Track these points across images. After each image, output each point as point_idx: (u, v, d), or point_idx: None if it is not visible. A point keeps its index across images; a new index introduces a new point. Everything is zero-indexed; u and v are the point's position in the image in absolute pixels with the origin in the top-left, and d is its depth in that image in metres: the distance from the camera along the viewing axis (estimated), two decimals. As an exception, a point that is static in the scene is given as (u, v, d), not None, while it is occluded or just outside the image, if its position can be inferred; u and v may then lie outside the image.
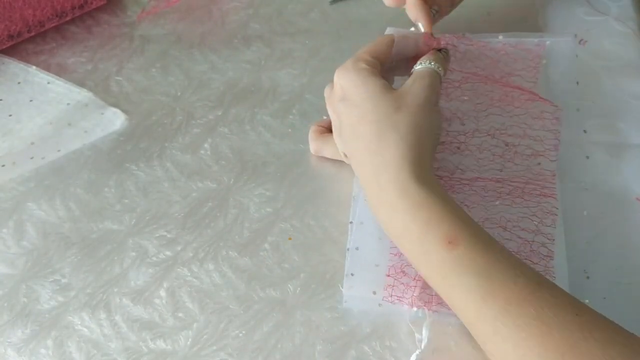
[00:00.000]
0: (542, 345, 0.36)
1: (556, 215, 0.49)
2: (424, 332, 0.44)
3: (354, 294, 0.46)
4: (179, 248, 0.50)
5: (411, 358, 0.43)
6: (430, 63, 0.49)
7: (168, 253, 0.49)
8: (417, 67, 0.49)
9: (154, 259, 0.49)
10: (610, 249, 0.48)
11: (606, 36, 0.62)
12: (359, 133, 0.46)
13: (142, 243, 0.50)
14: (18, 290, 0.48)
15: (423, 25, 0.54)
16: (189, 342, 0.45)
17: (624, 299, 0.46)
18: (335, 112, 0.49)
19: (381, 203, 0.44)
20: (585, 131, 0.55)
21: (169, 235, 0.50)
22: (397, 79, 0.53)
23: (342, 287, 0.47)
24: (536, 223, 0.48)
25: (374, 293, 0.46)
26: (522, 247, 0.47)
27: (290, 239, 0.50)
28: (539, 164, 0.52)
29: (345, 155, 0.51)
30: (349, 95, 0.47)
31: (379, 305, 0.45)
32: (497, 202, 0.50)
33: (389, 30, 0.60)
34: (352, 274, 0.46)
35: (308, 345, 0.44)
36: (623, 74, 0.59)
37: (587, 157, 0.53)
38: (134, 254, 0.49)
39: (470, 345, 0.44)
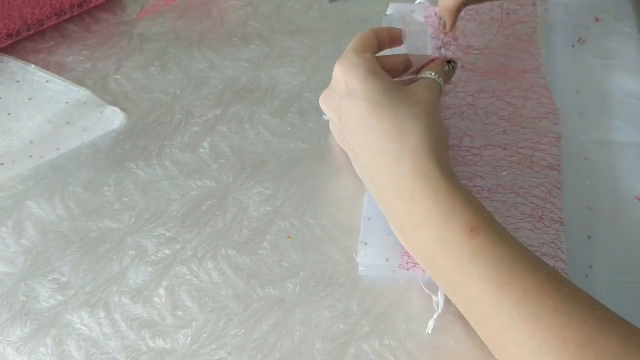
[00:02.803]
0: (560, 337, 0.36)
1: (560, 189, 0.50)
2: (440, 295, 0.45)
3: (368, 262, 0.47)
4: (178, 247, 0.50)
5: (430, 322, 0.44)
6: (432, 74, 0.50)
7: (167, 252, 0.49)
8: (423, 75, 0.50)
9: (154, 257, 0.49)
10: (610, 247, 0.48)
11: (605, 35, 0.63)
12: (372, 124, 0.45)
13: (142, 242, 0.50)
14: (17, 289, 0.48)
15: (447, 25, 0.57)
16: (188, 341, 0.45)
17: (624, 297, 0.46)
18: (338, 109, 0.49)
19: (400, 191, 0.43)
20: (581, 113, 0.56)
21: (168, 234, 0.50)
22: None
23: (357, 256, 0.48)
24: (545, 192, 0.50)
25: (387, 260, 0.47)
26: (534, 212, 0.49)
27: (289, 237, 0.50)
28: (543, 127, 0.54)
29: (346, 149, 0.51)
30: (357, 90, 0.47)
31: (393, 272, 0.47)
32: (506, 172, 0.51)
33: (391, 7, 0.61)
34: (365, 243, 0.48)
35: (307, 344, 0.44)
36: (622, 73, 0.59)
37: (586, 158, 0.53)
38: (133, 252, 0.49)
39: (470, 344, 0.44)
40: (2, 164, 0.55)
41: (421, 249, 0.43)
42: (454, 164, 0.52)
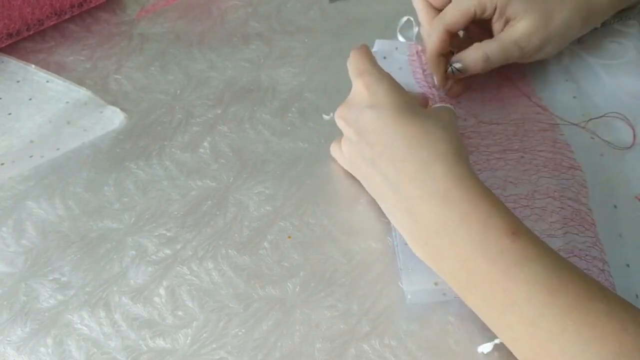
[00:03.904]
0: (618, 343, 0.34)
1: (587, 188, 0.50)
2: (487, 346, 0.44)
3: (415, 288, 0.46)
4: (178, 246, 0.50)
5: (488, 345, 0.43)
6: (445, 104, 0.49)
7: (167, 251, 0.49)
8: (436, 105, 0.49)
9: (154, 257, 0.49)
10: (610, 247, 0.48)
11: (605, 35, 0.62)
12: (396, 132, 0.44)
13: (142, 241, 0.50)
14: (17, 289, 0.48)
15: (436, 80, 0.56)
16: (188, 341, 0.45)
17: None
18: (356, 121, 0.47)
19: (430, 195, 0.42)
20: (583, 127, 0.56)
21: (168, 234, 0.50)
22: None
23: (402, 284, 0.46)
24: (575, 193, 0.49)
25: (436, 284, 0.45)
26: (574, 215, 0.48)
27: (289, 237, 0.50)
28: (549, 136, 0.54)
29: (357, 168, 0.50)
30: (381, 101, 0.46)
31: (444, 294, 0.45)
32: (536, 176, 0.51)
33: (377, 44, 0.60)
34: (409, 269, 0.46)
35: (307, 343, 0.44)
36: (623, 73, 0.59)
37: (586, 157, 0.53)
38: (133, 252, 0.49)
39: (470, 344, 0.44)
40: (2, 164, 0.55)
41: (451, 257, 0.41)
42: (478, 169, 0.52)
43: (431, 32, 0.55)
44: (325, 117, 0.58)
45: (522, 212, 0.49)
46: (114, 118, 0.59)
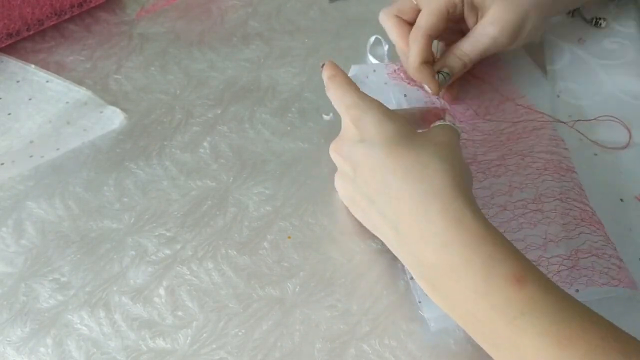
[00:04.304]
0: None
1: (584, 190, 0.50)
2: None
3: (437, 314, 0.44)
4: (178, 247, 0.50)
5: None
6: (446, 122, 0.47)
7: (167, 252, 0.49)
8: (437, 124, 0.47)
9: (153, 257, 0.49)
10: (621, 242, 0.48)
11: (605, 35, 0.63)
12: (389, 166, 0.41)
13: (142, 242, 0.50)
14: (17, 289, 0.48)
15: (429, 88, 0.53)
16: (188, 341, 0.45)
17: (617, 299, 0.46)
18: (350, 157, 0.45)
19: (429, 237, 0.39)
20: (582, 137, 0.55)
21: (168, 234, 0.50)
22: None
23: (423, 313, 0.45)
24: (578, 194, 0.49)
25: None
26: (583, 215, 0.47)
27: (289, 237, 0.50)
28: (546, 133, 0.53)
29: (356, 205, 0.47)
30: (371, 134, 0.43)
31: None
32: (540, 179, 0.50)
33: (353, 69, 0.57)
34: (427, 297, 0.43)
35: (307, 343, 0.44)
36: (622, 73, 0.59)
37: (579, 156, 0.53)
38: (133, 252, 0.49)
39: (470, 344, 0.44)
40: (2, 164, 0.55)
41: (457, 301, 0.39)
42: (481, 177, 0.51)
43: (411, 43, 0.53)
44: (325, 117, 0.58)
45: (534, 216, 0.48)
46: (114, 118, 0.59)
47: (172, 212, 0.52)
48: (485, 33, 0.53)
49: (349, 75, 0.56)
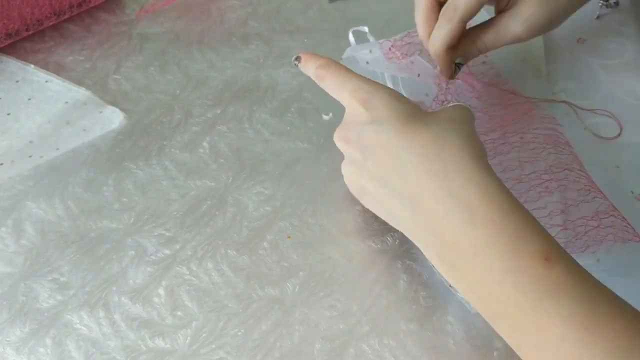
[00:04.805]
0: None
1: (581, 161, 0.50)
2: None
3: None
4: (177, 246, 0.50)
5: None
6: (458, 101, 0.46)
7: (167, 252, 0.49)
8: (449, 104, 0.45)
9: (153, 257, 0.49)
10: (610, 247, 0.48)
11: (605, 35, 0.63)
12: (403, 145, 0.40)
13: (141, 242, 0.50)
14: (17, 289, 0.48)
15: (443, 74, 0.51)
16: (187, 341, 0.45)
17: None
18: (358, 140, 0.43)
19: (451, 213, 0.37)
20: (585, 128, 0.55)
21: (167, 234, 0.50)
22: None
23: (462, 299, 0.45)
24: (579, 164, 0.50)
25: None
26: (590, 183, 0.48)
27: (289, 237, 0.50)
28: (537, 114, 0.53)
29: (363, 191, 0.46)
30: (381, 115, 0.41)
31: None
32: (545, 152, 0.50)
33: (349, 50, 0.56)
34: None
35: (307, 343, 0.44)
36: (622, 73, 0.59)
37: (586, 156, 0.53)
38: (132, 252, 0.49)
39: (470, 345, 0.44)
40: (1, 164, 0.55)
41: (478, 282, 0.37)
42: (490, 155, 0.49)
43: (442, 24, 0.49)
44: (325, 117, 0.58)
45: (550, 185, 0.48)
46: (114, 118, 0.59)
47: (171, 212, 0.52)
48: (511, 29, 0.50)
49: (344, 57, 0.57)
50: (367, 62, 0.56)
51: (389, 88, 0.44)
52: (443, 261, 0.39)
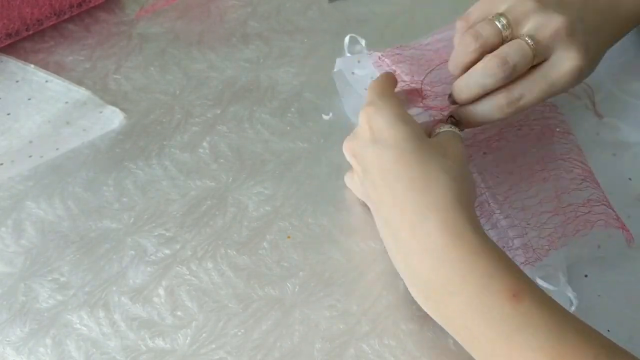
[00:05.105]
0: None
1: (582, 150, 0.52)
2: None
3: None
4: (177, 246, 0.50)
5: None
6: (451, 127, 0.46)
7: (167, 251, 0.49)
8: (441, 130, 0.45)
9: (153, 257, 0.49)
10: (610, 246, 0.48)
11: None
12: (397, 173, 0.41)
13: (141, 241, 0.50)
14: (17, 289, 0.48)
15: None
16: (187, 341, 0.45)
17: (619, 297, 0.46)
18: (361, 157, 0.44)
19: (426, 250, 0.39)
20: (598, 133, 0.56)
21: (167, 234, 0.50)
22: None
23: None
24: (577, 154, 0.51)
25: None
26: (585, 173, 0.49)
27: (289, 237, 0.50)
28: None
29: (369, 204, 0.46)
30: (383, 137, 0.42)
31: None
32: (541, 144, 0.51)
33: (338, 63, 0.57)
34: None
35: (307, 343, 0.44)
36: (622, 73, 0.59)
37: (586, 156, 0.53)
38: (132, 252, 0.49)
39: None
40: (1, 164, 0.55)
41: (453, 317, 0.38)
42: (483, 154, 0.51)
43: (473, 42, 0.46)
44: (325, 117, 0.58)
45: (542, 174, 0.49)
46: (114, 118, 0.58)
47: (171, 212, 0.52)
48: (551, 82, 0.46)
49: (334, 70, 0.58)
50: (353, 73, 0.57)
51: (398, 108, 0.44)
52: (419, 293, 0.41)
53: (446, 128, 0.46)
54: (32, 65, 0.63)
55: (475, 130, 0.53)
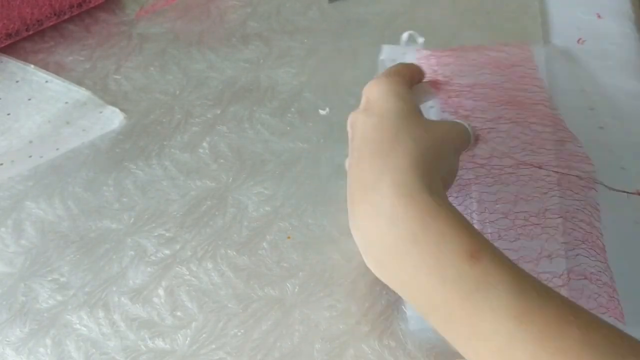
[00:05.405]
0: None
1: (598, 211, 0.48)
2: None
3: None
4: (177, 247, 0.50)
5: None
6: (466, 123, 0.46)
7: (167, 252, 0.49)
8: (454, 120, 0.46)
9: (153, 257, 0.49)
10: (610, 246, 0.48)
11: (604, 35, 0.63)
12: (369, 137, 0.40)
13: (141, 242, 0.50)
14: (16, 289, 0.48)
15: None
16: (187, 341, 0.45)
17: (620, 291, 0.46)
18: (354, 126, 0.43)
19: (377, 212, 0.37)
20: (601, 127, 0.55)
21: (167, 234, 0.50)
22: None
23: (406, 309, 0.45)
24: (589, 215, 0.48)
25: None
26: (586, 238, 0.46)
27: (289, 237, 0.50)
28: (568, 148, 0.51)
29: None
30: (374, 106, 0.42)
31: None
32: (549, 194, 0.48)
33: (384, 50, 0.58)
34: None
35: (307, 343, 0.44)
36: (622, 73, 0.59)
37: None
38: (132, 252, 0.49)
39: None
40: (1, 164, 0.55)
41: (408, 280, 0.37)
42: (489, 182, 0.49)
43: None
44: (322, 112, 0.58)
45: (533, 230, 0.47)
46: (113, 118, 0.59)
47: (171, 212, 0.52)
48: None
49: (380, 57, 0.59)
50: (395, 61, 0.56)
51: (399, 85, 0.43)
52: (373, 259, 0.39)
53: (460, 121, 0.45)
54: (32, 66, 0.63)
55: (490, 157, 0.51)
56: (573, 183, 0.49)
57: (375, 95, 0.43)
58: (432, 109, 0.54)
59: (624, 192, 0.50)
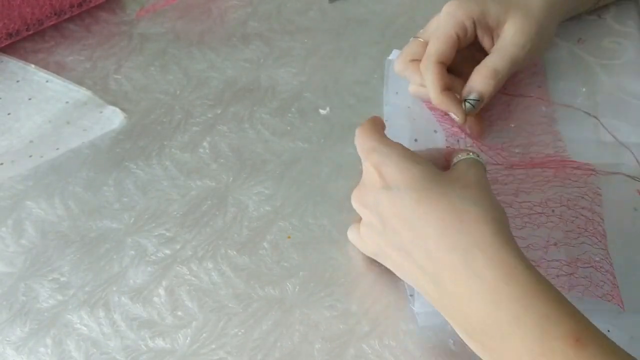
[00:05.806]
0: None
1: (600, 195, 0.49)
2: None
3: (426, 309, 0.44)
4: (177, 246, 0.50)
5: None
6: (469, 154, 0.44)
7: (167, 251, 0.49)
8: (459, 157, 0.44)
9: (153, 257, 0.49)
10: (611, 245, 0.48)
11: (605, 35, 0.62)
12: (421, 215, 0.39)
13: (141, 241, 0.50)
14: (17, 289, 0.48)
15: (456, 116, 0.51)
16: (187, 341, 0.45)
17: (622, 291, 0.45)
18: (375, 206, 0.42)
19: (475, 293, 0.36)
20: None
21: (167, 234, 0.50)
22: None
23: (413, 307, 0.45)
24: (589, 202, 0.48)
25: None
26: (588, 225, 0.47)
27: (289, 237, 0.50)
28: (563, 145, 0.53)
29: (385, 257, 0.45)
30: (396, 181, 0.40)
31: None
32: (549, 185, 0.49)
33: (394, 53, 0.58)
34: (418, 292, 0.43)
35: (307, 343, 0.44)
36: (622, 73, 0.59)
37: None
38: (132, 252, 0.49)
39: (469, 344, 0.44)
40: (2, 164, 0.55)
41: (510, 358, 0.36)
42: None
43: (424, 74, 0.52)
44: (322, 111, 0.58)
45: (538, 218, 0.47)
46: (114, 118, 0.59)
47: (171, 212, 0.52)
48: (513, 43, 0.51)
49: (389, 57, 0.59)
50: (397, 93, 0.57)
51: (404, 150, 0.42)
52: (471, 338, 0.38)
53: (464, 156, 0.44)
54: (33, 65, 0.63)
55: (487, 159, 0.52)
56: (570, 173, 0.50)
57: (392, 169, 0.41)
58: (437, 134, 0.54)
59: (622, 174, 0.51)
